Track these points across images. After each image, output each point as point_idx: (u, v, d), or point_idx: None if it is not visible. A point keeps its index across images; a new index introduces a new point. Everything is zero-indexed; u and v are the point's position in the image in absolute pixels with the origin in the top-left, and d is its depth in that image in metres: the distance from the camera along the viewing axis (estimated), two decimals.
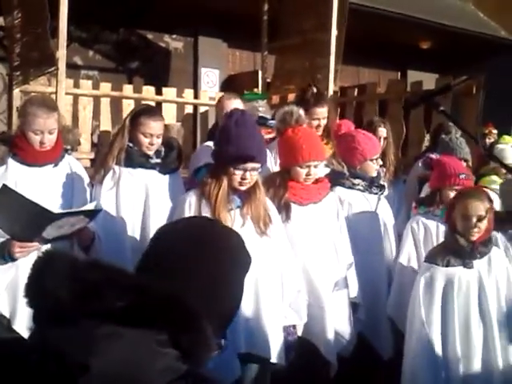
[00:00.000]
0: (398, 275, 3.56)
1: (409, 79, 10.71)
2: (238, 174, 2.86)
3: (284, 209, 3.19)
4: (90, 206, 3.17)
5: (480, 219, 3.16)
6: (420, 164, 4.08)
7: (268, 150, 3.41)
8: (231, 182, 2.87)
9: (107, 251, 3.27)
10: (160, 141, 3.45)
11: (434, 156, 3.99)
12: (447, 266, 3.16)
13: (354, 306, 3.42)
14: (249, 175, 2.86)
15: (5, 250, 2.88)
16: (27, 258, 2.99)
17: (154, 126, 3.38)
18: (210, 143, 3.42)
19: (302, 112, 3.40)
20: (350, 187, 3.70)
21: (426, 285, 3.16)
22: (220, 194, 2.83)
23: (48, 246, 2.92)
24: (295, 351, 3.05)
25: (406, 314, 3.40)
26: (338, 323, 3.26)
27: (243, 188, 2.89)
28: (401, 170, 4.80)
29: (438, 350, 3.07)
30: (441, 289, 3.14)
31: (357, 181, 3.71)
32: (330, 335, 3.21)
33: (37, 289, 1.09)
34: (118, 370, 0.99)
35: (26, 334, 2.88)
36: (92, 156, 6.30)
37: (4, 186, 2.80)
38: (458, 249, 3.18)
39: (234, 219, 2.86)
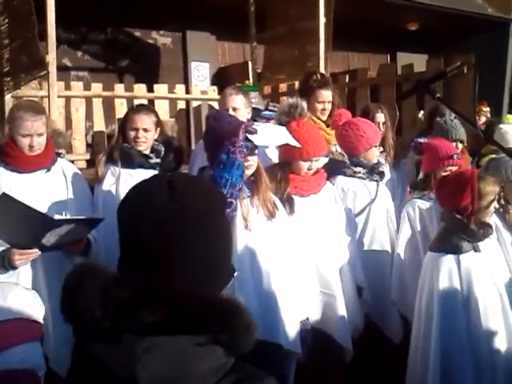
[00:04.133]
0: (397, 261, 3.58)
1: (398, 61, 10.73)
2: None
3: (287, 202, 3.19)
4: (91, 216, 3.17)
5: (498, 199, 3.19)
6: (411, 149, 4.10)
7: None
8: None
9: (110, 253, 3.28)
10: (150, 135, 3.46)
11: (422, 140, 4.00)
12: (461, 252, 3.10)
13: (359, 289, 3.46)
14: (250, 157, 2.82)
15: (5, 258, 2.88)
16: (28, 265, 3.00)
17: (136, 120, 3.41)
18: None
19: (305, 105, 3.40)
20: (351, 175, 3.73)
21: (444, 276, 3.08)
22: None
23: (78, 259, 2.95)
24: (310, 340, 3.07)
25: (408, 299, 3.44)
26: (347, 308, 3.28)
27: (249, 171, 2.86)
28: (399, 153, 4.81)
29: (465, 338, 3.03)
30: (460, 278, 3.07)
31: (358, 169, 3.73)
32: (343, 321, 3.24)
33: (71, 307, 1.11)
34: (165, 379, 1.03)
35: None
36: (87, 157, 6.28)
37: (3, 194, 2.80)
38: (467, 233, 3.11)
39: (249, 208, 2.86)
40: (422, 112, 6.45)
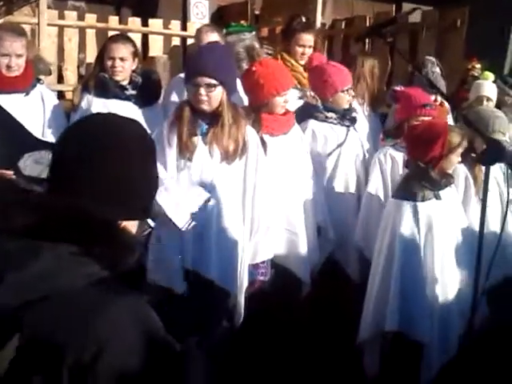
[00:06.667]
0: (364, 206, 3.67)
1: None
2: (193, 90, 2.83)
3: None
4: None
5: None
6: (388, 97, 4.13)
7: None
8: (192, 101, 2.84)
9: None
10: (126, 65, 3.50)
11: (398, 88, 4.02)
12: (423, 200, 3.19)
13: (319, 229, 3.58)
14: (203, 91, 2.81)
15: None
16: None
17: (113, 48, 3.46)
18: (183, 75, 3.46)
19: (257, 44, 3.40)
20: (323, 120, 3.77)
21: (406, 222, 3.17)
22: (184, 116, 2.83)
23: None
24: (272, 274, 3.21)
25: (373, 243, 3.55)
26: (308, 245, 3.43)
27: (204, 107, 2.85)
28: (382, 104, 4.82)
29: (423, 282, 3.17)
30: (421, 224, 3.17)
31: (330, 114, 3.77)
32: (303, 257, 3.40)
33: None
34: (32, 279, 1.07)
35: None
36: None
37: None
38: (430, 182, 3.20)
39: (197, 145, 2.88)
40: None
